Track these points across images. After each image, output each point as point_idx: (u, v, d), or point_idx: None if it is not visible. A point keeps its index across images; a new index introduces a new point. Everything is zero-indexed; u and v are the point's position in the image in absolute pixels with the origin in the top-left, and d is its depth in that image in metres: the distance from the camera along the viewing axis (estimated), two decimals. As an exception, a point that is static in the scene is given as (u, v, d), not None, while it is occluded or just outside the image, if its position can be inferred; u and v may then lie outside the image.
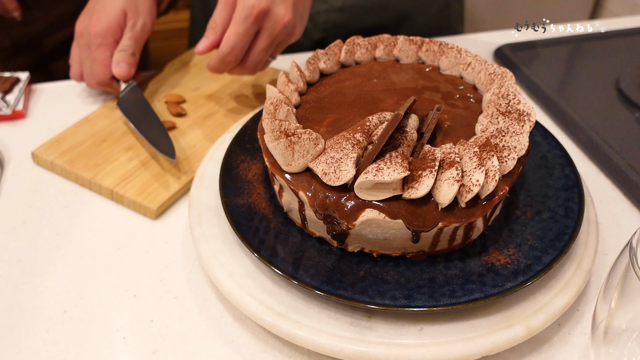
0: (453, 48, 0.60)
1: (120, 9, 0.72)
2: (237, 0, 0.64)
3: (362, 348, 0.45)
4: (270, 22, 0.64)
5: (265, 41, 0.65)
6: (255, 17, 0.63)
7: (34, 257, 0.57)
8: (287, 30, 0.66)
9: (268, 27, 0.64)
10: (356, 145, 0.47)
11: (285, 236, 0.52)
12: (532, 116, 0.51)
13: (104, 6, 0.72)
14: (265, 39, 0.65)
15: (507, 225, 0.53)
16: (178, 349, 0.49)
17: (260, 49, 0.66)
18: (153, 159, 0.66)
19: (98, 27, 0.71)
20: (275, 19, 0.64)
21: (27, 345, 0.49)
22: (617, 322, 0.38)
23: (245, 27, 0.63)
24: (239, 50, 0.65)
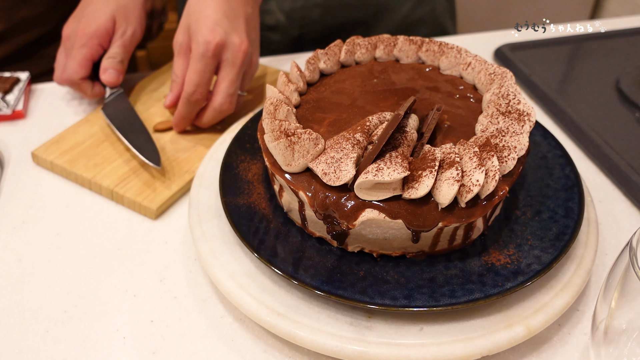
0: (453, 48, 0.60)
1: (109, 14, 0.71)
2: (192, 41, 0.64)
3: (362, 348, 0.45)
4: (228, 53, 0.64)
5: (230, 72, 0.64)
6: (213, 51, 0.62)
7: (34, 257, 0.57)
8: (248, 58, 0.65)
9: (228, 58, 0.64)
10: (356, 145, 0.47)
11: (285, 236, 0.52)
12: (532, 116, 0.51)
13: (94, 11, 0.72)
14: (229, 70, 0.64)
15: (507, 225, 0.53)
16: (178, 349, 0.49)
17: (227, 82, 0.65)
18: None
19: (85, 29, 0.71)
20: (233, 49, 0.63)
21: (27, 345, 0.49)
22: (617, 322, 0.38)
23: (204, 63, 0.63)
24: (203, 87, 0.64)
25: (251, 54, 0.66)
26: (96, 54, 0.72)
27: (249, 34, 0.65)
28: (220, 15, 0.63)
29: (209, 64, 0.63)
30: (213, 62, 0.63)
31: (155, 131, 0.70)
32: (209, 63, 0.63)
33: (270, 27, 0.96)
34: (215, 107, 0.66)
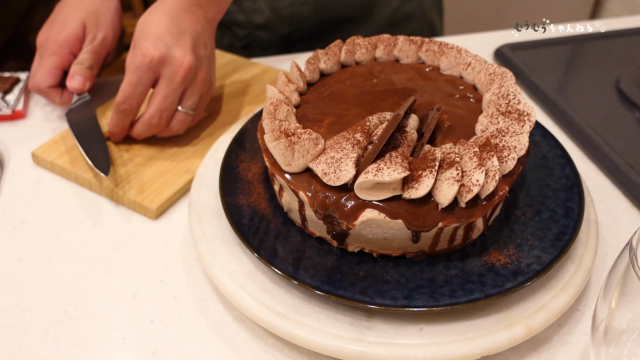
0: (453, 48, 0.60)
1: (79, 21, 0.71)
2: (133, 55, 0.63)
3: (362, 348, 0.45)
4: (167, 68, 0.62)
5: (165, 87, 0.62)
6: (148, 64, 0.61)
7: (34, 257, 0.57)
8: (190, 74, 0.63)
9: (166, 72, 0.62)
10: (356, 145, 0.47)
11: (285, 236, 0.52)
12: (532, 116, 0.51)
13: (65, 17, 0.71)
14: (165, 85, 0.62)
15: (507, 225, 0.53)
16: (178, 349, 0.49)
17: (160, 96, 0.63)
18: (153, 159, 0.66)
19: (57, 36, 0.70)
20: (173, 64, 0.62)
21: (27, 345, 0.49)
22: (617, 322, 0.38)
23: (137, 75, 0.61)
24: (133, 99, 0.62)
25: (196, 70, 0.64)
26: (66, 62, 0.71)
27: (196, 50, 0.64)
28: (164, 31, 0.62)
29: (143, 77, 0.62)
30: (148, 76, 0.62)
31: (107, 138, 0.69)
32: (143, 76, 0.62)
33: (259, 26, 0.96)
34: (144, 120, 0.64)
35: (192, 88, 0.65)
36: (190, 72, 0.63)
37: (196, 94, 0.65)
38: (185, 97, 0.65)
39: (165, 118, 0.64)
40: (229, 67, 0.83)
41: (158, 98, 0.63)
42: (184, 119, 0.66)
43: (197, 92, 0.65)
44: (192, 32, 0.64)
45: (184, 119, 0.66)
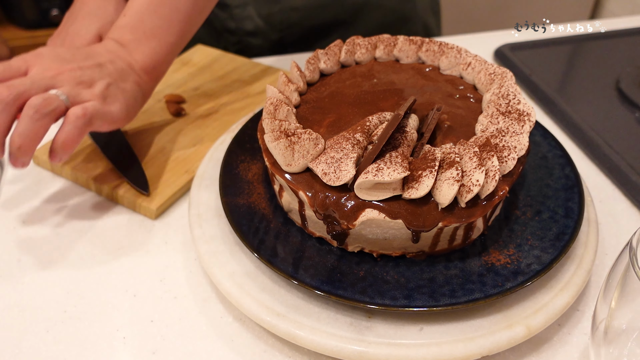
0: (453, 48, 0.60)
1: (95, 32, 0.70)
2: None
3: (362, 348, 0.45)
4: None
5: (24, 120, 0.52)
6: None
7: (34, 257, 0.57)
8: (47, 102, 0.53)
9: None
10: (356, 145, 0.47)
11: (285, 236, 0.52)
12: (532, 116, 0.51)
13: (79, 29, 0.70)
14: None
15: (507, 225, 0.53)
16: (178, 349, 0.49)
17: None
18: (153, 159, 0.66)
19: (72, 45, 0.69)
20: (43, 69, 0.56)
21: (27, 345, 0.49)
22: (617, 322, 0.38)
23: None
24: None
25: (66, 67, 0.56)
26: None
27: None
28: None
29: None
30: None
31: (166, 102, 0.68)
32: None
33: (250, 33, 0.95)
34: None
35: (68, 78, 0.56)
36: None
37: (72, 82, 0.56)
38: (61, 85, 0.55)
39: (14, 95, 0.52)
40: (229, 67, 0.83)
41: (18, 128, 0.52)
42: (49, 99, 0.53)
43: (72, 80, 0.56)
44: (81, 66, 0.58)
45: (49, 98, 0.53)
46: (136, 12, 0.61)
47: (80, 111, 0.54)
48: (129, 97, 0.60)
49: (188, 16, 0.61)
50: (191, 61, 0.84)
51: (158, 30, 0.61)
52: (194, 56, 0.85)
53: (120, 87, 0.59)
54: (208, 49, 0.87)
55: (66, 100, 0.54)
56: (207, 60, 0.85)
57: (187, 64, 0.84)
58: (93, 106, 0.55)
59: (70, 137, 0.54)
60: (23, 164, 0.53)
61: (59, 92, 0.54)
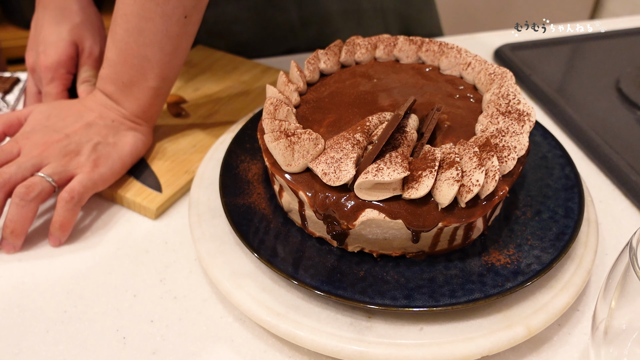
0: (453, 48, 0.60)
1: (68, 39, 0.69)
2: None
3: (362, 348, 0.45)
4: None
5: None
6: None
7: (34, 257, 0.57)
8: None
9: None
10: (356, 145, 0.47)
11: (285, 236, 0.52)
12: (532, 116, 0.51)
13: (49, 35, 0.69)
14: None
15: (507, 225, 0.53)
16: (178, 349, 0.49)
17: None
18: (153, 159, 0.66)
19: (47, 60, 0.68)
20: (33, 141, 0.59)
21: (27, 345, 0.49)
22: (617, 322, 0.38)
23: None
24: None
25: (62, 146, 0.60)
26: (67, 82, 0.70)
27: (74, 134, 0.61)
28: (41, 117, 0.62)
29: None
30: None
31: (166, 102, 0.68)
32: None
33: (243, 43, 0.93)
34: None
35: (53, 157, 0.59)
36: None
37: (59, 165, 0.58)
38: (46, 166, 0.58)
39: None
40: (229, 67, 0.83)
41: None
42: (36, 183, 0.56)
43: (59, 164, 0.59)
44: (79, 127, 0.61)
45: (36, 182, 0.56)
46: (111, 64, 0.61)
47: (68, 195, 0.57)
48: (123, 150, 0.62)
49: (161, 62, 0.60)
50: (191, 61, 0.84)
51: (135, 79, 0.61)
52: (194, 56, 0.85)
53: (111, 143, 0.61)
54: (208, 49, 0.87)
55: (52, 181, 0.57)
56: (207, 61, 0.85)
57: (187, 64, 0.84)
58: (80, 183, 0.58)
59: (64, 221, 0.57)
60: (14, 247, 0.57)
61: (44, 175, 0.57)
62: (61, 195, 0.57)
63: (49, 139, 0.59)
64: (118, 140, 0.62)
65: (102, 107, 0.63)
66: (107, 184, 0.61)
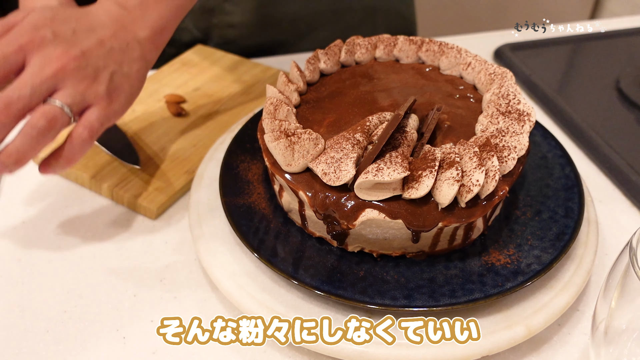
0: (453, 48, 0.60)
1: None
2: None
3: (362, 348, 0.45)
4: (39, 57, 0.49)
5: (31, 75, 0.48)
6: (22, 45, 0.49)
7: (34, 257, 0.57)
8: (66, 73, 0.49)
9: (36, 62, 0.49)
10: (356, 145, 0.47)
11: (285, 236, 0.52)
12: (532, 116, 0.51)
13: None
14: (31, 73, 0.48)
15: (507, 225, 0.53)
16: (178, 349, 0.49)
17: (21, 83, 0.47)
18: (153, 159, 0.66)
19: None
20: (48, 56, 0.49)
21: (27, 345, 0.49)
22: (617, 322, 0.38)
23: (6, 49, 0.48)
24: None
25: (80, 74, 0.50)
26: None
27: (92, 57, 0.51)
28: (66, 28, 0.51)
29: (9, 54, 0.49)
30: (15, 56, 0.49)
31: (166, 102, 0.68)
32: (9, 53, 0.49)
33: (187, 44, 0.91)
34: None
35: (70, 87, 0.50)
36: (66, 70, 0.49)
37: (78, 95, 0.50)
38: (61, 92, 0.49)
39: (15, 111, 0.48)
40: (229, 67, 0.83)
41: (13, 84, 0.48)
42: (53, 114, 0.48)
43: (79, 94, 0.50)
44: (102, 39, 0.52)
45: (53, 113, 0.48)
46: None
47: (87, 133, 0.50)
48: (134, 83, 0.54)
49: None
50: (191, 61, 0.84)
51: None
52: (194, 56, 0.85)
53: (125, 73, 0.53)
54: (208, 49, 0.87)
55: (69, 112, 0.49)
56: (207, 61, 0.84)
57: (187, 64, 0.83)
58: (98, 120, 0.51)
59: (74, 157, 0.50)
60: (11, 172, 0.49)
61: (62, 104, 0.49)
62: (77, 131, 0.49)
63: (63, 54, 0.49)
64: (131, 70, 0.53)
65: (116, 25, 0.53)
66: (113, 122, 0.53)
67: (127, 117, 0.73)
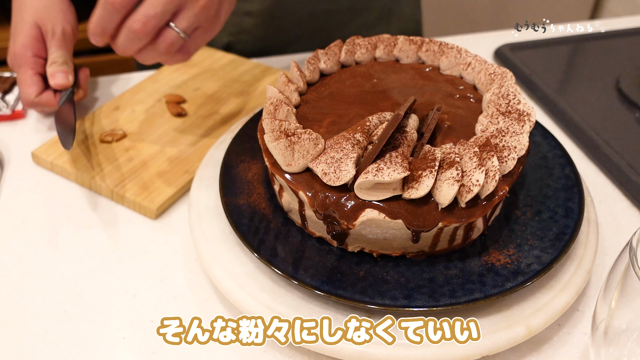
0: (453, 48, 0.60)
1: (30, 22, 0.69)
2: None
3: (363, 348, 0.45)
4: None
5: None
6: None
7: (34, 257, 0.57)
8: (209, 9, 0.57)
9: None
10: (356, 145, 0.47)
11: (285, 236, 0.52)
12: (532, 116, 0.51)
13: (16, 25, 0.70)
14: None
15: (507, 225, 0.53)
16: (178, 349, 0.49)
17: (151, 2, 0.55)
18: (153, 159, 0.66)
19: (15, 47, 0.69)
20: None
21: (27, 345, 0.49)
22: (617, 322, 0.38)
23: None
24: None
25: (218, 8, 0.58)
26: (37, 64, 0.69)
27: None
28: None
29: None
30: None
31: (102, 142, 0.68)
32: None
33: None
34: (127, 25, 0.56)
35: (190, 9, 0.57)
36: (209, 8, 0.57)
37: (193, 17, 0.57)
38: (180, 16, 0.57)
39: (151, 27, 0.55)
40: (229, 67, 0.83)
41: (146, 3, 0.55)
42: (172, 39, 0.57)
43: (194, 16, 0.57)
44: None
45: (172, 38, 0.57)
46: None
47: (183, 58, 0.60)
48: (232, 1, 0.62)
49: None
50: (191, 61, 0.84)
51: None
52: (194, 56, 0.85)
53: (232, 2, 0.61)
54: (208, 49, 0.87)
55: (185, 37, 0.58)
56: (207, 61, 0.85)
57: (188, 64, 0.83)
58: (196, 48, 0.61)
59: (162, 62, 0.60)
60: (125, 53, 0.58)
61: (180, 30, 0.57)
62: (176, 57, 0.60)
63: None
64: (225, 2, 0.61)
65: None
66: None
67: (127, 117, 0.73)
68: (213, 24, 0.60)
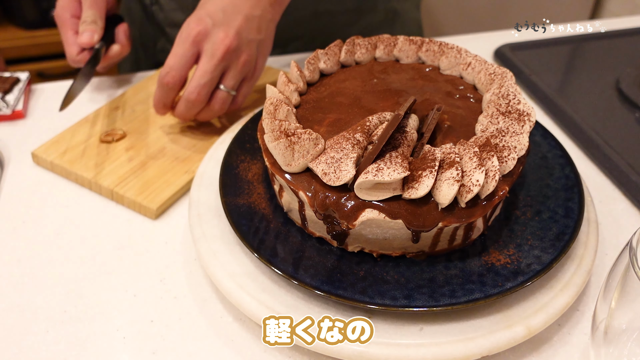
0: (453, 48, 0.60)
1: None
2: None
3: (362, 348, 0.45)
4: (209, 44, 0.62)
5: (205, 63, 0.62)
6: (193, 38, 0.62)
7: (34, 257, 0.57)
8: (231, 54, 0.63)
9: (207, 48, 0.62)
10: (356, 145, 0.47)
11: (285, 236, 0.52)
12: (532, 116, 0.51)
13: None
14: (205, 61, 0.62)
15: (507, 225, 0.53)
16: (178, 349, 0.49)
17: (200, 71, 0.62)
18: (153, 158, 0.66)
19: (56, 9, 0.73)
20: (214, 41, 0.62)
21: (27, 345, 0.49)
22: (617, 322, 0.38)
23: (182, 47, 0.62)
24: (176, 71, 0.63)
25: (238, 51, 0.63)
26: (76, 25, 0.73)
27: (243, 32, 0.63)
28: (218, 9, 0.63)
29: (187, 50, 0.62)
30: (192, 49, 0.63)
31: (102, 142, 0.69)
32: (187, 49, 0.62)
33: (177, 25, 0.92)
34: (185, 96, 0.64)
35: (233, 68, 0.64)
36: (229, 51, 0.62)
37: (238, 74, 0.65)
38: (227, 77, 0.65)
39: (204, 95, 0.64)
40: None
41: (198, 73, 0.63)
42: (224, 98, 0.66)
43: (239, 73, 0.65)
44: (247, 14, 0.64)
45: (224, 98, 0.66)
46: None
47: (235, 108, 0.69)
48: (269, 43, 0.68)
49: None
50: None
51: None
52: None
53: (264, 39, 0.67)
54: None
55: (233, 93, 0.66)
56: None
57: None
58: (244, 97, 0.68)
59: (214, 115, 0.68)
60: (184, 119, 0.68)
61: (227, 90, 0.65)
62: (229, 110, 0.68)
63: (225, 37, 0.62)
64: (268, 34, 0.67)
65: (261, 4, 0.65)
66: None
67: (127, 117, 0.73)
68: (254, 72, 0.68)
